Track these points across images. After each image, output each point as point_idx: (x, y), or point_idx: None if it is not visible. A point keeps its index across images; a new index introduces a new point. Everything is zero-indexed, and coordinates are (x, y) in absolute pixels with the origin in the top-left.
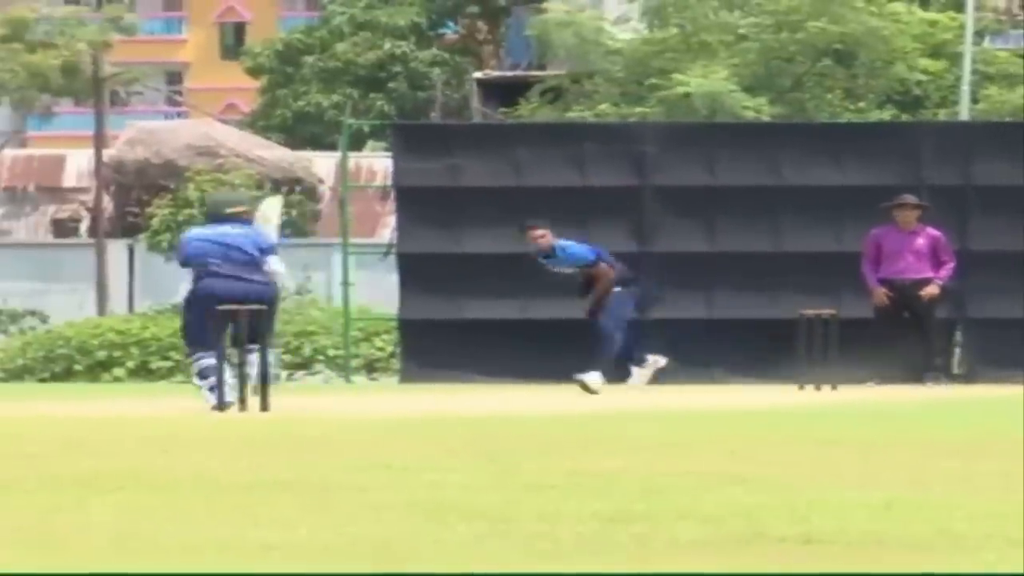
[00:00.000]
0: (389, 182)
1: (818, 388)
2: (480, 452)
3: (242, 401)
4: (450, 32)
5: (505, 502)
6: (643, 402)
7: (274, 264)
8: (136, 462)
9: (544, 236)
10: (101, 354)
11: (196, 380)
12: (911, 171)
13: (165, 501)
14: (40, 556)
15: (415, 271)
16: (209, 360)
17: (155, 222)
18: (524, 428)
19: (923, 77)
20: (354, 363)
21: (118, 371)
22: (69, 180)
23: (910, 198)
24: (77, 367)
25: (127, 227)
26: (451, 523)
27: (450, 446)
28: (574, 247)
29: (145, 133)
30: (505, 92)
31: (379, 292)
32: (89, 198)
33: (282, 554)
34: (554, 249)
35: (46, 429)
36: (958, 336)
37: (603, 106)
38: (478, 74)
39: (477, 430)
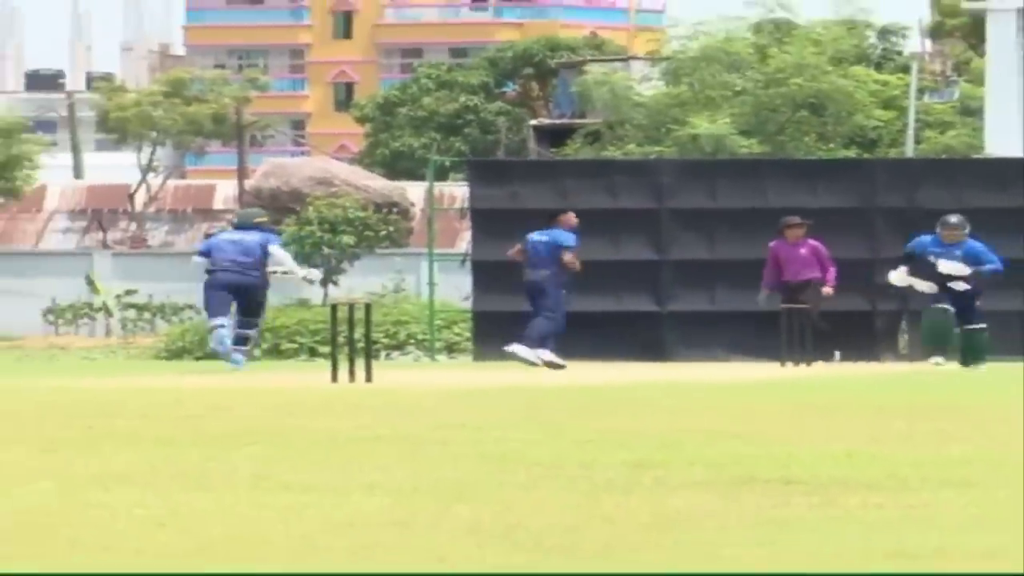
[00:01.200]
0: (466, 205)
1: (796, 365)
2: (535, 414)
3: (351, 373)
4: (511, 90)
5: (554, 453)
6: (661, 375)
7: (275, 251)
8: (269, 422)
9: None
10: None
11: (210, 336)
12: (868, 197)
13: (291, 452)
14: (196, 494)
15: (485, 274)
16: (218, 322)
17: (284, 236)
18: (569, 395)
19: (878, 123)
20: (438, 345)
21: (256, 351)
22: (218, 204)
23: (795, 219)
24: None
25: None
26: (512, 469)
27: (512, 410)
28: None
29: (277, 167)
30: (554, 136)
31: (457, 290)
32: (233, 217)
33: (382, 491)
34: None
35: (199, 397)
36: (903, 324)
37: (630, 146)
38: (533, 122)
39: (533, 397)
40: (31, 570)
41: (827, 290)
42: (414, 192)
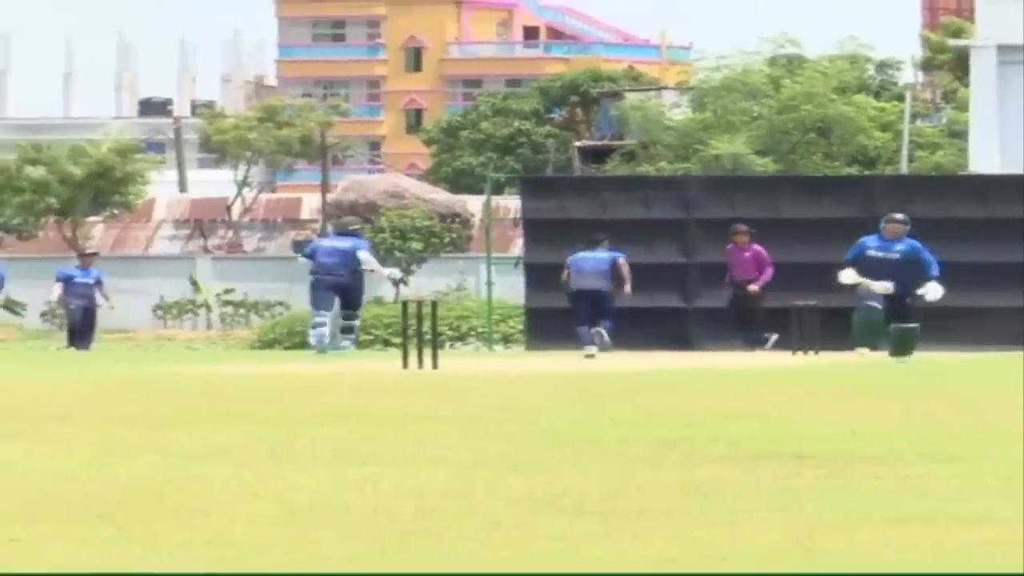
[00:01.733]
0: (518, 216)
1: (805, 353)
2: (579, 396)
3: (419, 361)
4: (558, 115)
5: (595, 430)
6: (687, 363)
7: (363, 256)
8: (348, 403)
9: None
10: None
11: (310, 331)
12: (868, 208)
13: (366, 429)
14: (284, 467)
15: (536, 275)
16: (319, 319)
17: None
18: (607, 380)
19: (877, 144)
20: (494, 336)
21: (344, 341)
22: (304, 214)
23: (741, 227)
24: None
25: None
26: (560, 445)
27: (559, 393)
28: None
29: (355, 183)
30: (596, 155)
31: (511, 289)
32: (317, 226)
33: (446, 464)
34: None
35: (287, 381)
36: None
37: (662, 164)
38: (578, 143)
39: (577, 382)
40: (139, 536)
41: (753, 287)
42: (474, 204)
